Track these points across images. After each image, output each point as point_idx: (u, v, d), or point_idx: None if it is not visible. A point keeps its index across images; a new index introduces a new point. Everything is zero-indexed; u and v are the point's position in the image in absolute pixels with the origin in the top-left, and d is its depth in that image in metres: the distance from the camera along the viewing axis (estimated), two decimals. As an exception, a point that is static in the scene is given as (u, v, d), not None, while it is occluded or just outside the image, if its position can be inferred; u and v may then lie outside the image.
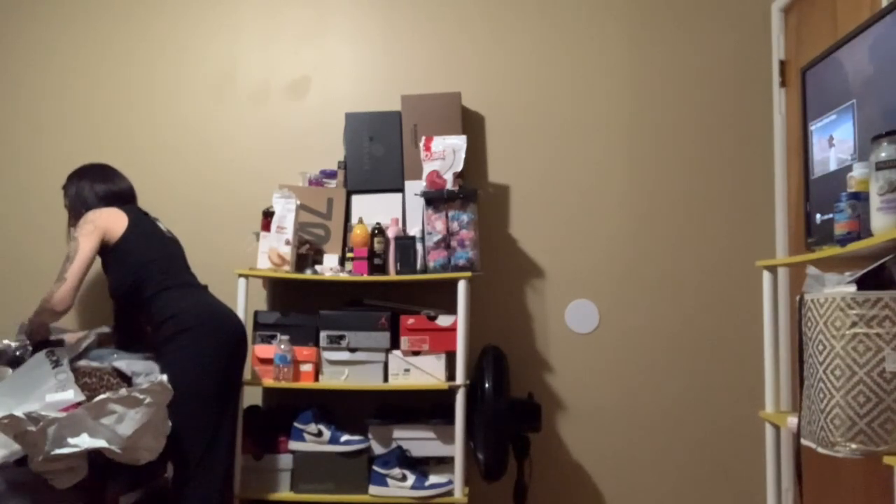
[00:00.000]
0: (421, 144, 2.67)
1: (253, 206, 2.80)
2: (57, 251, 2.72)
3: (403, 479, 2.45)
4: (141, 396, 1.99)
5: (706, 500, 2.76)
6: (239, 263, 2.69)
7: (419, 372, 2.55)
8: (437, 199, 2.59)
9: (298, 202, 2.64)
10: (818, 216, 2.05)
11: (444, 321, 2.55)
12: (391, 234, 2.68)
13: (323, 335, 2.57)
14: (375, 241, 2.65)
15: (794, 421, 1.84)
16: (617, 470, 2.80)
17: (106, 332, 2.53)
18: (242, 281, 2.57)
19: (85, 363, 2.29)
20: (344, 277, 2.64)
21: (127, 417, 1.97)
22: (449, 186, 2.59)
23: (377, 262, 2.65)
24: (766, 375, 2.22)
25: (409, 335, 2.55)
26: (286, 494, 2.51)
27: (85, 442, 1.92)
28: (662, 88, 2.89)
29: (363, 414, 2.62)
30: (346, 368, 2.57)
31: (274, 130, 3.01)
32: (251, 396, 2.68)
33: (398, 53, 2.99)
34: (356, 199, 2.82)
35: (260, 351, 2.59)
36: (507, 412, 2.47)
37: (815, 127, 2.09)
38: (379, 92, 2.95)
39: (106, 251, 2.39)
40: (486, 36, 2.96)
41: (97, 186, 2.51)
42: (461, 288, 2.53)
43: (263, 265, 2.62)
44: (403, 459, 2.49)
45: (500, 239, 2.89)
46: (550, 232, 2.89)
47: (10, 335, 2.55)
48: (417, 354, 2.56)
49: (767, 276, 2.21)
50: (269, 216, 2.62)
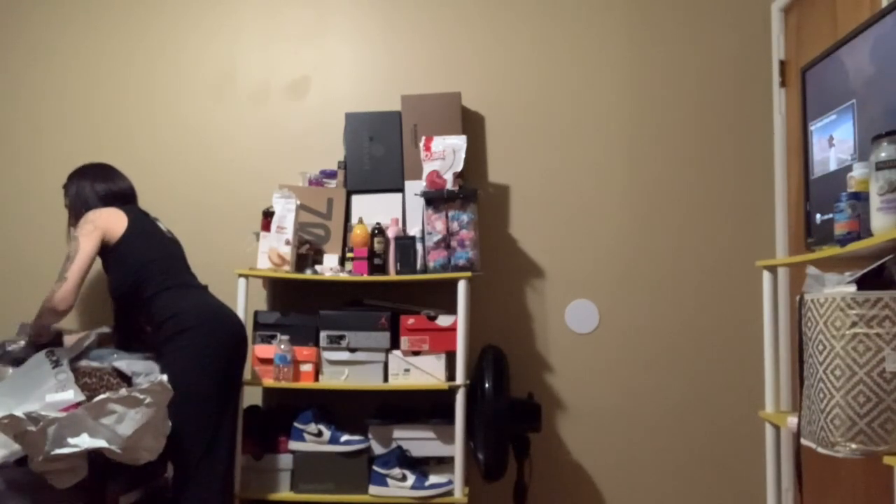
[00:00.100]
0: (421, 144, 2.67)
1: (253, 206, 2.80)
2: (57, 251, 2.72)
3: (403, 479, 2.45)
4: (141, 396, 1.99)
5: (706, 500, 2.76)
6: (239, 263, 2.69)
7: (419, 372, 2.55)
8: (437, 199, 2.59)
9: (298, 202, 2.64)
10: (818, 216, 2.05)
11: (444, 321, 2.55)
12: (391, 234, 2.68)
13: (323, 335, 2.57)
14: (375, 241, 2.65)
15: (794, 421, 1.84)
16: (617, 470, 2.80)
17: (106, 332, 2.53)
18: (242, 281, 2.57)
19: (85, 363, 2.28)
20: (344, 277, 2.64)
21: (127, 417, 1.97)
22: (449, 186, 2.59)
23: (377, 262, 2.65)
24: (766, 375, 2.22)
25: (409, 335, 2.55)
26: (286, 494, 2.51)
27: (85, 442, 1.92)
28: (662, 88, 2.89)
29: (363, 414, 2.61)
30: (346, 368, 2.57)
31: (274, 130, 3.01)
32: (251, 396, 2.68)
33: (398, 53, 2.99)
34: (356, 199, 2.82)
35: (260, 351, 2.59)
36: (507, 412, 2.47)
37: (815, 127, 2.09)
38: (379, 92, 2.95)
39: (106, 251, 2.39)
40: (486, 36, 2.96)
41: (98, 186, 2.51)
42: (461, 288, 2.53)
43: (263, 265, 2.62)
44: (403, 459, 2.49)
45: (500, 239, 2.89)
46: (550, 232, 2.89)
47: (10, 335, 2.56)
48: (417, 354, 2.56)
49: (767, 276, 2.21)
50: (269, 216, 2.62)
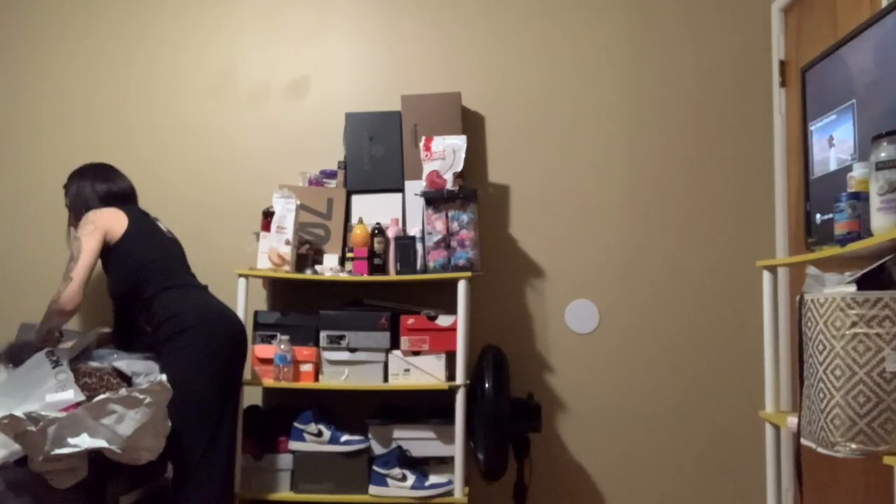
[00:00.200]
0: (421, 144, 2.67)
1: (253, 206, 2.80)
2: (57, 251, 2.73)
3: (403, 479, 2.45)
4: (141, 396, 1.99)
5: (706, 500, 2.76)
6: (239, 263, 2.69)
7: (419, 372, 2.55)
8: (437, 199, 2.59)
9: (298, 202, 2.64)
10: (818, 216, 2.05)
11: (444, 321, 2.55)
12: (391, 234, 2.68)
13: (323, 335, 2.57)
14: (375, 241, 2.65)
15: (794, 421, 1.84)
16: (617, 470, 2.80)
17: (106, 332, 2.53)
18: (242, 281, 2.57)
19: (85, 363, 2.29)
20: (344, 277, 2.64)
21: (127, 417, 1.97)
22: (449, 186, 2.59)
23: (377, 262, 2.65)
24: (766, 375, 2.22)
25: (409, 335, 2.55)
26: (286, 494, 2.51)
27: (85, 442, 1.92)
28: (662, 88, 2.89)
29: (363, 414, 2.61)
30: (346, 368, 2.57)
31: (274, 130, 3.01)
32: (251, 396, 2.68)
33: (398, 53, 2.99)
34: (356, 199, 2.82)
35: (260, 351, 2.59)
36: (507, 412, 2.47)
37: (815, 127, 2.09)
38: (379, 92, 2.95)
39: (106, 251, 2.39)
40: (486, 36, 2.96)
41: (98, 186, 2.51)
42: (461, 288, 2.53)
43: (263, 265, 2.62)
44: (403, 459, 2.49)
45: (500, 239, 2.89)
46: (550, 232, 2.89)
47: (9, 335, 2.56)
48: (417, 354, 2.56)
49: (767, 276, 2.21)
50: (269, 216, 2.62)
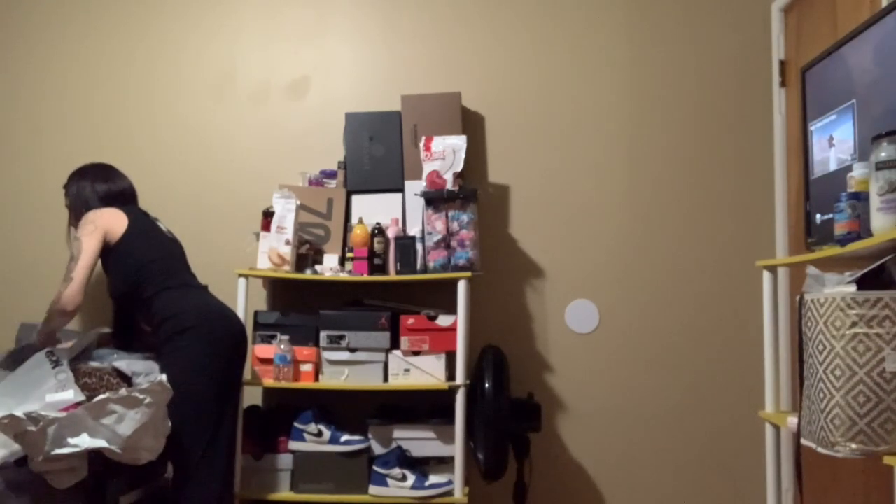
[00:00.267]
0: (421, 144, 2.67)
1: (253, 206, 2.80)
2: (57, 251, 2.73)
3: (403, 479, 2.45)
4: (141, 396, 1.99)
5: (706, 500, 2.76)
6: (239, 263, 2.69)
7: (419, 372, 2.55)
8: (437, 199, 2.59)
9: (298, 202, 2.64)
10: (818, 216, 2.05)
11: (444, 321, 2.55)
12: (391, 234, 2.68)
13: (323, 335, 2.57)
14: (375, 241, 2.65)
15: (794, 421, 1.84)
16: (617, 470, 2.80)
17: (106, 332, 2.53)
18: (242, 281, 2.57)
19: (85, 363, 2.29)
20: (344, 277, 2.64)
21: (127, 417, 1.97)
22: (449, 186, 2.59)
23: (377, 262, 2.65)
24: (766, 375, 2.22)
25: (409, 335, 2.55)
26: (286, 494, 2.51)
27: (85, 442, 1.92)
28: (662, 88, 2.89)
29: (363, 414, 2.61)
30: (346, 368, 2.57)
31: (274, 130, 3.01)
32: (251, 396, 2.68)
33: (398, 53, 2.99)
34: (356, 199, 2.82)
35: (260, 351, 2.59)
36: (507, 412, 2.47)
37: (815, 127, 2.09)
38: (379, 92, 2.95)
39: (106, 251, 2.38)
40: (486, 36, 2.96)
41: (98, 186, 2.51)
42: (461, 288, 2.53)
43: (263, 265, 2.62)
44: (403, 459, 2.49)
45: (500, 239, 2.89)
46: (550, 232, 2.89)
47: (9, 335, 2.56)
48: (417, 354, 2.56)
49: (767, 276, 2.21)
50: (269, 216, 2.62)
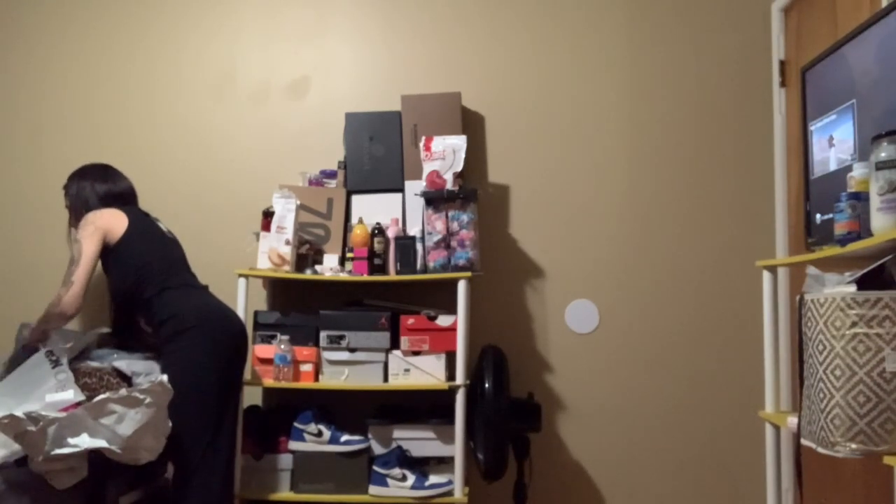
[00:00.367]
0: (421, 144, 2.67)
1: (253, 206, 2.80)
2: (57, 251, 2.73)
3: (403, 479, 2.45)
4: (141, 396, 1.99)
5: (706, 500, 2.76)
6: (239, 263, 2.69)
7: (419, 372, 2.55)
8: (437, 199, 2.59)
9: (298, 202, 2.64)
10: (818, 216, 2.05)
11: (444, 321, 2.55)
12: (391, 234, 2.68)
13: (323, 335, 2.57)
14: (375, 241, 2.65)
15: (794, 421, 1.84)
16: (617, 470, 2.80)
17: (106, 332, 2.53)
18: (242, 281, 2.57)
19: (85, 363, 2.29)
20: (344, 277, 2.64)
21: (127, 417, 1.97)
22: (449, 186, 2.59)
23: (377, 262, 2.65)
24: (766, 375, 2.22)
25: (409, 335, 2.55)
26: (286, 494, 2.51)
27: (85, 442, 1.92)
28: (662, 88, 2.89)
29: (363, 414, 2.61)
30: (346, 368, 2.57)
31: (274, 130, 3.01)
32: (251, 396, 2.68)
33: (398, 53, 2.99)
34: (356, 199, 2.82)
35: (260, 351, 2.59)
36: (507, 412, 2.47)
37: (815, 127, 2.09)
38: (379, 92, 2.95)
39: (107, 252, 2.38)
40: (486, 35, 2.96)
41: (98, 186, 2.51)
42: (461, 288, 2.53)
43: (263, 265, 2.62)
44: (403, 459, 2.49)
45: (500, 239, 2.89)
46: (550, 232, 2.89)
47: (10, 335, 2.56)
48: (417, 354, 2.56)
49: (767, 276, 2.21)
50: (269, 216, 2.62)
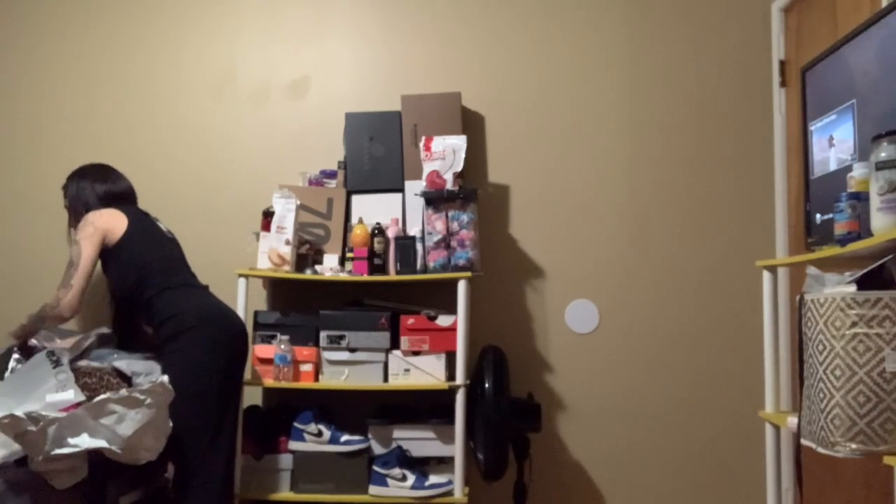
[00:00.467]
0: (421, 144, 2.67)
1: (253, 206, 2.81)
2: (57, 251, 2.73)
3: (403, 479, 2.45)
4: (141, 397, 1.99)
5: (706, 500, 2.76)
6: (239, 263, 2.69)
7: (419, 372, 2.55)
8: (437, 199, 2.59)
9: (298, 202, 2.64)
10: (818, 216, 2.05)
11: (444, 321, 2.55)
12: (391, 234, 2.68)
13: (323, 335, 2.57)
14: (375, 241, 2.65)
15: (794, 421, 1.84)
16: (617, 470, 2.80)
17: (106, 332, 2.53)
18: (242, 281, 2.57)
19: (85, 363, 2.29)
20: (344, 277, 2.64)
21: (127, 418, 1.97)
22: (449, 186, 2.59)
23: (377, 262, 2.65)
24: (766, 375, 2.22)
25: (409, 335, 2.55)
26: (286, 494, 2.51)
27: (85, 442, 1.92)
28: (662, 88, 2.89)
29: (363, 414, 2.61)
30: (346, 368, 2.57)
31: (274, 130, 3.01)
32: (251, 396, 2.69)
33: (398, 53, 2.99)
34: (356, 199, 2.82)
35: (260, 351, 2.59)
36: (507, 412, 2.47)
37: (815, 127, 2.09)
38: (379, 92, 2.95)
39: (106, 252, 2.39)
40: (486, 36, 2.96)
41: (97, 186, 2.51)
42: (461, 288, 2.53)
43: (263, 265, 2.62)
44: (403, 459, 2.49)
45: (500, 239, 2.89)
46: (550, 232, 2.89)
47: (8, 335, 2.56)
48: (417, 354, 2.56)
49: (767, 276, 2.21)
50: (269, 216, 2.62)
